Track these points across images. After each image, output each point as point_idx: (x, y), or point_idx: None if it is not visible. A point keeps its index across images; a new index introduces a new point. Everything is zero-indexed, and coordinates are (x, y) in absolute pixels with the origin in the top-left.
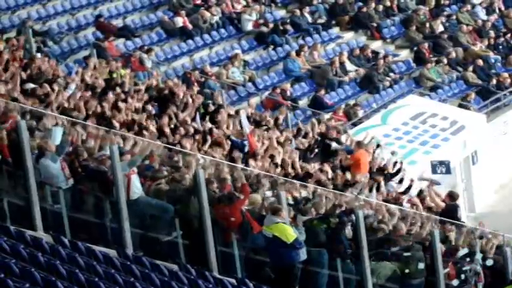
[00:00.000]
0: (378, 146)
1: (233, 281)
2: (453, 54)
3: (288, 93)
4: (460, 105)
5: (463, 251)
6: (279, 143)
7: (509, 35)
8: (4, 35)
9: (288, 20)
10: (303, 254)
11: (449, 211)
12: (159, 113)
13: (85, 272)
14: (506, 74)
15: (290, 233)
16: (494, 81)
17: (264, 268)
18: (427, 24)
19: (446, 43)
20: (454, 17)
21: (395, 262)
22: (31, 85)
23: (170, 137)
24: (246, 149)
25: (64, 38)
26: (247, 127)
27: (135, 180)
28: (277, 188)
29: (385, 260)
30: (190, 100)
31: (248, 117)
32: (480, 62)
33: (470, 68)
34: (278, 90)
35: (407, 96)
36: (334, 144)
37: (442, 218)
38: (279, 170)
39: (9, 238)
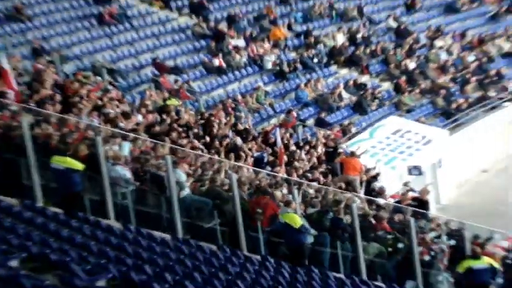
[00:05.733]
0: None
1: (258, 257)
2: (423, 85)
3: (299, 115)
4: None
5: (432, 234)
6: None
7: (464, 71)
8: (85, 73)
9: (298, 60)
10: (310, 238)
11: (423, 205)
12: (203, 132)
13: (147, 251)
14: (462, 100)
15: (298, 220)
16: (454, 106)
17: (280, 247)
18: (403, 63)
19: (418, 77)
20: (423, 57)
21: (380, 243)
22: (106, 110)
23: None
24: (266, 160)
25: (130, 75)
26: (279, 143)
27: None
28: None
29: (372, 241)
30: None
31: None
32: (443, 91)
33: (436, 96)
34: (294, 114)
35: (389, 117)
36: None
37: (416, 209)
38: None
39: (89, 225)
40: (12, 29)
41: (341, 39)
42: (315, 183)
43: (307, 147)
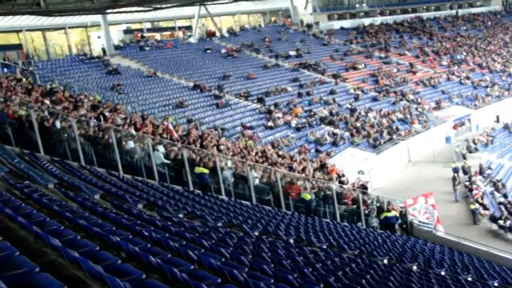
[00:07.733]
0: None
1: (290, 212)
2: (363, 133)
3: (307, 148)
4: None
5: (369, 201)
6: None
7: (381, 127)
8: (210, 130)
9: (306, 122)
10: (314, 203)
11: (365, 188)
12: (263, 155)
13: (239, 209)
14: (382, 140)
15: (308, 196)
16: (378, 143)
17: (300, 208)
18: (354, 123)
19: (361, 130)
20: (363, 121)
21: (345, 205)
22: (220, 146)
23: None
24: (293, 167)
25: (230, 131)
26: (298, 160)
27: (256, 179)
28: (304, 180)
29: (342, 204)
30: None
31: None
32: (373, 136)
33: (369, 138)
34: (305, 147)
35: (348, 148)
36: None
37: (362, 190)
38: (303, 174)
39: (213, 198)
40: (183, 112)
41: (326, 112)
42: (315, 178)
43: (312, 162)
